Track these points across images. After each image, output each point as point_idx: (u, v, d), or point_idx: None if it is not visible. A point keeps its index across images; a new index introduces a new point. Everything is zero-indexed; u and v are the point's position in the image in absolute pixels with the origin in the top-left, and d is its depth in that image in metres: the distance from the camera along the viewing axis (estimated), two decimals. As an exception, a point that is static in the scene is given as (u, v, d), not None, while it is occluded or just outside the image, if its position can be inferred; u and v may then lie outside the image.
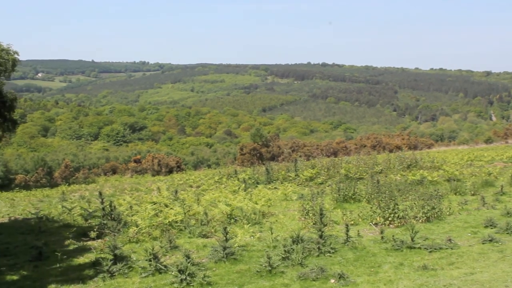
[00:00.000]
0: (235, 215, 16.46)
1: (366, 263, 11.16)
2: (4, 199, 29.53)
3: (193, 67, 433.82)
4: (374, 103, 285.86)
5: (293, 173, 27.07)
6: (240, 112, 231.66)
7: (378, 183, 18.39)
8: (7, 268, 12.35)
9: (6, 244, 14.99)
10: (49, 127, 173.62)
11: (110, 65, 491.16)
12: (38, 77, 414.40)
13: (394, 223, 14.75)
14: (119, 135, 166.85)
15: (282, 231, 14.53)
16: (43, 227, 17.04)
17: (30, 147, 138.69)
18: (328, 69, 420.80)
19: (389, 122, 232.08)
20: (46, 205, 23.70)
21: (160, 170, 53.71)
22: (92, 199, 23.08)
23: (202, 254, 12.53)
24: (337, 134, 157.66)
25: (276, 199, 20.59)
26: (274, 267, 10.67)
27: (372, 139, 60.58)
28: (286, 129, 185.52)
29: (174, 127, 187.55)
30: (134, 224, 15.17)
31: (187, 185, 29.82)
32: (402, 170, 26.81)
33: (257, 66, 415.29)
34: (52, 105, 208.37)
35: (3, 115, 43.30)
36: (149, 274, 10.93)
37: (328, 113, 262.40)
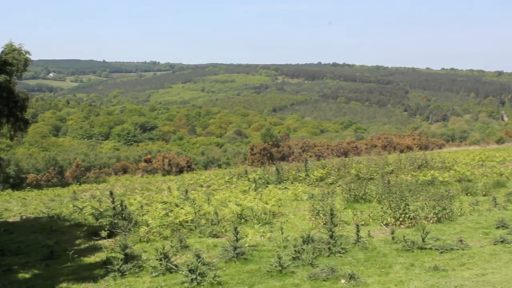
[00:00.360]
0: (245, 215, 16.47)
1: (377, 264, 11.13)
2: (16, 198, 29.69)
3: (203, 67, 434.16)
4: (384, 103, 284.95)
5: (304, 173, 27.05)
6: (251, 112, 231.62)
7: (388, 184, 18.36)
8: (19, 266, 12.42)
9: (18, 243, 15.08)
10: (60, 127, 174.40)
11: (121, 65, 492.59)
12: (49, 77, 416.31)
13: (404, 223, 14.70)
14: (130, 134, 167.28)
15: (293, 231, 14.52)
16: (54, 226, 17.13)
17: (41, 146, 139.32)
18: (338, 69, 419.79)
19: (400, 122, 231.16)
20: (57, 204, 23.83)
21: (171, 170, 53.80)
22: (103, 199, 23.16)
23: (212, 254, 12.54)
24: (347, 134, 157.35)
25: (287, 199, 20.58)
26: (284, 267, 10.66)
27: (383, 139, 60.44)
28: (296, 129, 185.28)
29: (185, 127, 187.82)
30: (145, 223, 15.21)
31: (197, 185, 29.86)
32: (413, 170, 26.73)
33: (267, 66, 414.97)
34: (63, 105, 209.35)
35: (15, 114, 43.44)
36: (159, 274, 10.95)
37: (338, 113, 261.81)
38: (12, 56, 41.28)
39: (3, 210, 22.28)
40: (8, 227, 17.71)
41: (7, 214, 21.66)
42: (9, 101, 42.46)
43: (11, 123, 43.94)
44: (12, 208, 23.70)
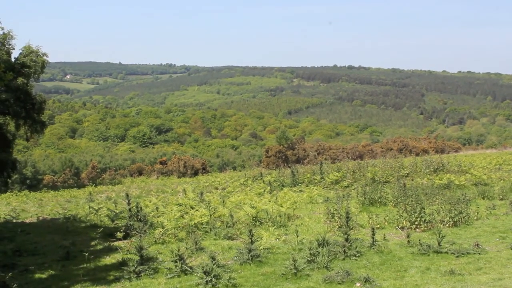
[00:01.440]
0: (260, 218, 16.47)
1: (392, 267, 11.09)
2: (32, 199, 29.91)
3: (219, 70, 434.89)
4: (400, 106, 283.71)
5: (319, 176, 27.00)
6: (266, 115, 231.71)
7: (404, 187, 18.25)
8: (36, 267, 12.52)
9: (35, 244, 15.20)
10: (76, 129, 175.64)
11: (137, 68, 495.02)
12: (66, 79, 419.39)
13: (420, 227, 14.63)
14: (146, 136, 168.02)
15: (308, 234, 14.51)
16: (70, 227, 17.24)
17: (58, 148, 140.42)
18: (354, 71, 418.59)
19: (416, 125, 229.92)
20: (73, 205, 23.96)
21: (186, 172, 53.98)
22: (118, 200, 23.25)
23: (227, 256, 12.56)
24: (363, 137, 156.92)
25: (302, 202, 20.56)
26: (299, 270, 10.65)
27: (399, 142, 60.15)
28: (311, 132, 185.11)
29: (200, 129, 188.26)
30: (160, 225, 15.27)
31: (212, 187, 29.91)
32: (428, 173, 26.58)
33: (283, 69, 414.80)
34: (79, 107, 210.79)
35: (32, 117, 43.98)
36: (174, 275, 10.98)
37: (354, 116, 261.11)
38: (30, 58, 41.92)
39: (20, 211, 22.45)
40: (25, 228, 17.85)
41: (24, 215, 21.84)
42: (26, 104, 43.13)
43: (28, 125, 44.67)
44: (29, 209, 23.89)
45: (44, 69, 43.88)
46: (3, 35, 41.48)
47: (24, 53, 42.49)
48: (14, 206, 24.54)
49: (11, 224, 19.11)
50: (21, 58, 41.97)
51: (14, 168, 46.49)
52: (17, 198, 31.16)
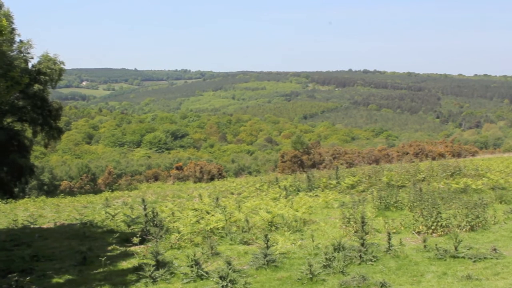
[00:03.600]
0: (276, 223, 16.46)
1: (409, 272, 11.03)
2: (50, 204, 30.08)
3: (234, 75, 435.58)
4: (416, 110, 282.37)
5: (334, 181, 26.94)
6: (281, 120, 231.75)
7: (420, 191, 18.17)
8: (53, 272, 12.61)
9: (52, 249, 15.30)
10: (93, 135, 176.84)
11: (153, 73, 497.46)
12: (82, 85, 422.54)
13: (437, 231, 14.55)
14: (161, 142, 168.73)
15: (323, 238, 14.48)
16: (87, 232, 17.34)
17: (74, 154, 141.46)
18: (369, 76, 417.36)
19: (432, 129, 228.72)
20: (90, 211, 24.10)
21: (202, 177, 54.03)
22: (134, 206, 23.36)
23: (243, 261, 12.57)
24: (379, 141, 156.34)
25: (317, 207, 20.53)
26: (315, 274, 10.64)
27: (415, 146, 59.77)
28: (327, 137, 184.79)
29: (216, 135, 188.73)
30: (176, 230, 15.32)
31: (228, 192, 29.90)
32: (445, 178, 26.40)
33: (298, 74, 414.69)
34: (96, 113, 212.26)
35: (49, 123, 44.41)
36: (190, 280, 11.02)
37: (369, 120, 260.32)
38: (46, 66, 42.25)
39: (38, 217, 22.61)
40: (42, 233, 17.98)
41: (42, 220, 21.99)
42: (43, 110, 43.51)
43: (45, 131, 45.09)
44: (46, 215, 24.04)
45: (61, 77, 44.30)
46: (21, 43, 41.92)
47: (41, 60, 42.93)
48: (32, 211, 24.74)
49: (29, 229, 19.25)
50: (38, 66, 42.40)
51: (32, 174, 46.96)
52: (35, 203, 31.35)
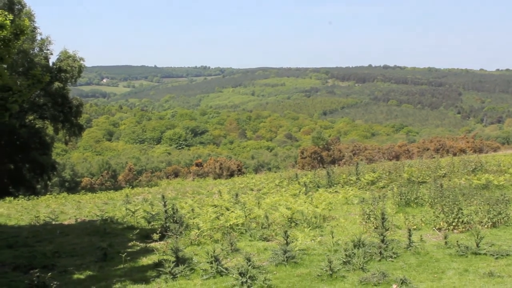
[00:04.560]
0: (295, 219, 16.43)
1: (429, 269, 10.95)
2: (71, 201, 30.33)
3: (253, 71, 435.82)
4: (437, 105, 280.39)
5: (354, 177, 26.81)
6: (301, 116, 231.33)
7: (441, 187, 18.02)
8: (74, 268, 12.70)
9: (73, 245, 15.42)
10: (113, 131, 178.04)
11: (172, 70, 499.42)
12: (103, 82, 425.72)
13: (458, 228, 14.42)
14: (181, 139, 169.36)
15: (343, 235, 14.43)
16: (107, 228, 17.44)
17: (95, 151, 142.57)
18: (389, 71, 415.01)
19: (453, 125, 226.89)
20: (110, 207, 24.23)
21: (222, 174, 54.11)
22: (154, 202, 23.44)
23: (262, 257, 12.56)
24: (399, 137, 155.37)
25: (337, 203, 20.44)
26: (335, 271, 10.60)
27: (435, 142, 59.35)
28: (347, 133, 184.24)
29: (235, 131, 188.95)
30: (196, 226, 15.35)
31: (248, 189, 29.91)
32: (466, 174, 26.16)
33: (317, 69, 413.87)
34: (116, 110, 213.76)
35: (70, 120, 44.79)
36: (210, 277, 11.03)
37: (389, 116, 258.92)
38: (66, 63, 42.64)
39: (59, 213, 22.79)
40: (64, 230, 18.12)
41: (63, 216, 22.17)
42: (64, 107, 43.90)
43: (66, 128, 45.49)
44: (68, 211, 24.23)
45: (81, 74, 44.67)
46: (41, 40, 42.33)
47: (61, 58, 43.30)
48: (53, 208, 24.93)
49: (51, 225, 19.42)
50: (58, 63, 42.77)
51: (54, 170, 47.42)
52: (56, 200, 31.61)
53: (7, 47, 13.84)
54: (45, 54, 42.56)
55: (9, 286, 11.27)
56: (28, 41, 39.87)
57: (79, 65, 43.55)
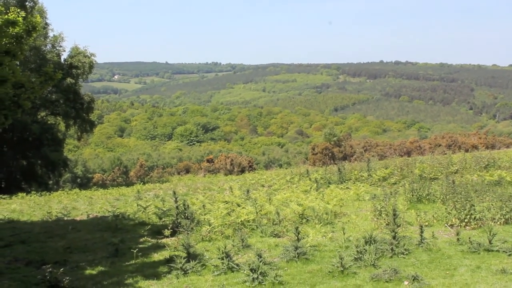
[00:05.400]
0: (307, 215, 16.41)
1: (441, 266, 10.91)
2: (83, 197, 30.44)
3: (264, 67, 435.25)
4: (449, 101, 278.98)
5: (366, 173, 26.73)
6: (312, 112, 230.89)
7: (453, 184, 17.92)
8: (86, 263, 12.77)
9: (85, 241, 15.49)
10: (125, 128, 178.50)
11: (183, 67, 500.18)
12: (114, 79, 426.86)
13: (470, 225, 14.34)
14: (192, 135, 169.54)
15: (355, 231, 14.39)
16: (119, 224, 17.51)
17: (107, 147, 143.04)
18: (401, 67, 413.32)
19: (465, 121, 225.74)
20: (122, 203, 24.32)
21: (233, 170, 54.15)
22: (166, 198, 23.48)
23: (273, 254, 12.57)
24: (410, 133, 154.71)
25: (348, 199, 20.40)
26: (346, 267, 10.59)
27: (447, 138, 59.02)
28: (358, 129, 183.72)
29: (246, 127, 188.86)
30: (207, 223, 15.37)
31: (259, 185, 29.90)
32: (478, 170, 26.00)
33: (328, 65, 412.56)
34: (127, 106, 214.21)
35: (82, 116, 45.00)
36: (221, 272, 11.06)
37: (401, 112, 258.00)
38: (77, 59, 42.83)
39: (71, 209, 22.88)
40: (75, 225, 18.21)
41: (75, 212, 22.26)
42: (76, 104, 44.10)
43: (78, 124, 45.69)
44: (80, 207, 24.33)
45: (92, 70, 44.86)
46: (53, 37, 42.52)
47: (72, 54, 43.46)
48: (66, 204, 25.03)
49: (63, 221, 19.52)
50: (70, 59, 42.94)
51: (65, 167, 47.65)
52: (68, 196, 31.75)
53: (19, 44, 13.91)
54: (57, 51, 42.76)
55: (21, 281, 11.34)
56: (40, 38, 40.06)
57: (90, 61, 43.70)
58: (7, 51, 13.65)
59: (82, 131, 46.19)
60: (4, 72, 12.72)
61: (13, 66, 13.80)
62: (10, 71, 13.09)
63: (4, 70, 12.76)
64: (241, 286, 10.23)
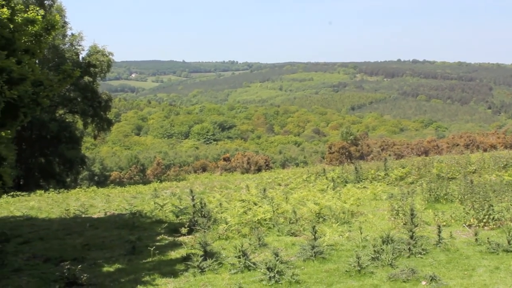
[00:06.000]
0: (323, 214, 16.38)
1: (459, 266, 10.83)
2: (100, 194, 30.61)
3: (281, 66, 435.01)
4: (467, 100, 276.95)
5: (383, 172, 26.63)
6: (329, 111, 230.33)
7: (471, 183, 17.78)
8: (104, 260, 12.85)
9: (103, 238, 15.57)
10: (142, 126, 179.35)
11: (200, 65, 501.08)
12: (131, 77, 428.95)
13: (488, 225, 14.23)
14: (209, 133, 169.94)
15: (372, 231, 14.34)
16: (136, 222, 17.57)
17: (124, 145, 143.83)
18: (418, 66, 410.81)
19: (484, 120, 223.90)
20: (139, 201, 24.40)
21: (249, 168, 54.15)
22: (183, 196, 23.51)
23: (290, 252, 12.55)
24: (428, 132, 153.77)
25: (365, 199, 20.33)
26: (363, 267, 10.55)
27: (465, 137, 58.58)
28: (375, 128, 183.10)
29: (263, 126, 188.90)
30: (224, 221, 15.39)
31: (275, 184, 29.87)
32: (497, 170, 25.78)
33: (345, 64, 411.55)
34: (144, 105, 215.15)
35: (99, 115, 45.26)
36: (238, 271, 11.06)
37: (418, 111, 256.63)
38: (95, 58, 43.11)
39: (89, 206, 23.01)
40: (93, 223, 18.31)
41: (92, 210, 22.39)
42: (93, 102, 44.40)
43: (96, 122, 45.96)
44: (97, 205, 24.45)
45: (110, 68, 45.09)
46: (72, 36, 42.83)
47: (90, 52, 43.75)
48: (83, 201, 25.18)
49: (80, 219, 19.64)
50: (88, 58, 43.22)
51: (83, 164, 47.98)
52: (86, 193, 31.95)
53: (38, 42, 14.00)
54: (76, 49, 43.08)
55: (40, 277, 11.44)
56: (59, 36, 40.37)
57: (108, 60, 43.94)
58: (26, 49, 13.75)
59: (99, 129, 46.45)
60: (24, 70, 12.80)
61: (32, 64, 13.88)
62: (29, 69, 13.17)
63: (23, 68, 12.85)
64: (258, 285, 10.23)
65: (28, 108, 13.79)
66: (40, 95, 14.05)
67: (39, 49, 14.23)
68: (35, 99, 13.89)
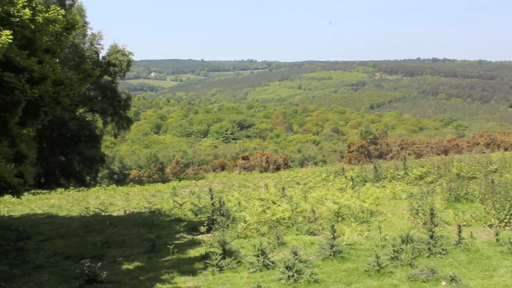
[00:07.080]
0: (342, 213, 16.33)
1: (480, 266, 10.73)
2: (119, 193, 30.78)
3: (300, 65, 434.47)
4: (488, 99, 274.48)
5: (402, 172, 26.48)
6: (348, 109, 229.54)
7: (492, 183, 17.61)
8: (123, 258, 12.92)
9: (122, 236, 15.66)
10: (161, 125, 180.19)
11: (219, 64, 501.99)
12: (151, 76, 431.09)
13: (510, 225, 14.09)
14: (228, 132, 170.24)
15: (391, 230, 14.26)
16: (155, 220, 17.64)
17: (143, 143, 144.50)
18: (438, 64, 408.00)
19: (505, 119, 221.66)
20: (158, 199, 24.50)
21: (268, 167, 54.17)
22: (201, 195, 23.57)
23: (309, 251, 12.52)
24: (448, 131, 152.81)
25: (385, 198, 20.22)
26: (382, 266, 10.50)
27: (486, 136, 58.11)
28: (394, 127, 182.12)
29: (281, 125, 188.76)
30: (243, 220, 15.40)
31: (294, 182, 29.83)
32: (518, 169, 25.53)
33: (364, 63, 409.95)
34: (163, 103, 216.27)
35: (119, 113, 45.51)
36: (257, 270, 11.06)
37: (438, 110, 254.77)
38: (115, 57, 43.35)
39: (108, 205, 23.14)
40: (113, 221, 18.42)
41: (112, 208, 22.52)
42: (113, 101, 44.65)
43: (115, 121, 46.22)
44: (116, 203, 24.58)
45: (129, 67, 45.34)
46: (92, 35, 43.13)
47: (110, 52, 44.04)
48: (103, 199, 25.33)
49: (100, 217, 19.76)
50: (108, 57, 43.50)
51: (103, 163, 48.27)
52: (106, 192, 32.15)
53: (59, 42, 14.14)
54: (96, 49, 43.37)
55: (60, 274, 11.55)
56: (79, 36, 40.67)
57: (128, 60, 44.20)
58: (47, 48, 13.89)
59: (119, 128, 46.71)
60: (44, 70, 12.94)
61: (53, 63, 14.02)
62: (50, 68, 13.30)
63: (44, 68, 12.99)
64: (276, 284, 10.22)
65: (49, 107, 13.93)
66: (60, 94, 14.18)
67: (59, 49, 14.36)
68: (56, 98, 14.02)
